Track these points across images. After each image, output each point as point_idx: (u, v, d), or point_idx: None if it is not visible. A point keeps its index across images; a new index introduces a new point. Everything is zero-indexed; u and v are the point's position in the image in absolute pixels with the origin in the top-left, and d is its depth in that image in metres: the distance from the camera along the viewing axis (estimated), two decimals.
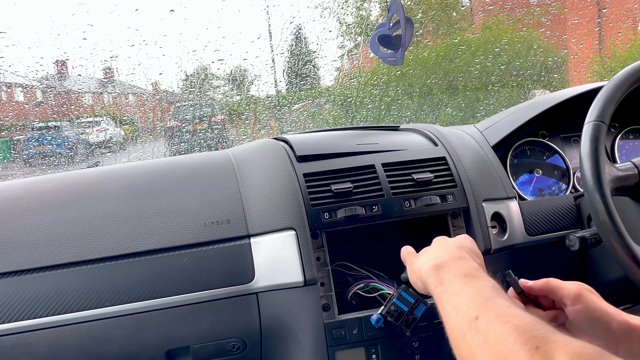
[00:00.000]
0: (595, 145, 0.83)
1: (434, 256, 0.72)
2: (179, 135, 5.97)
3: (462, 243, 0.75)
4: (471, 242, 0.77)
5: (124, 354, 0.94)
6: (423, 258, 0.74)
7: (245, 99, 6.92)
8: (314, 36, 6.37)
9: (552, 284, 0.73)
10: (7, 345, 0.90)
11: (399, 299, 0.92)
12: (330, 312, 0.95)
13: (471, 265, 0.66)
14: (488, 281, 0.62)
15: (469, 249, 0.73)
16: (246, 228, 0.97)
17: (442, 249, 0.74)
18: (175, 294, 0.93)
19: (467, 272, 0.65)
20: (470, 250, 0.73)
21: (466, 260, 0.68)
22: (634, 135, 1.28)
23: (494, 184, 1.08)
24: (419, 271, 0.73)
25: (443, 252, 0.72)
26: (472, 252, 0.73)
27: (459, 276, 0.64)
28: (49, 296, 0.91)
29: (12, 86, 7.09)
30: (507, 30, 6.53)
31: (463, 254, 0.70)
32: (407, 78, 5.68)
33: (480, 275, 0.64)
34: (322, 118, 5.89)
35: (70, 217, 0.98)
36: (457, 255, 0.70)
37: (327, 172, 1.02)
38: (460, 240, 0.77)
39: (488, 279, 0.63)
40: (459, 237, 0.79)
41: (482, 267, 0.69)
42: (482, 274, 0.64)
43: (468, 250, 0.73)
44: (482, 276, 0.63)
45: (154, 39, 5.04)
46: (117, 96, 7.58)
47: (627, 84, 0.88)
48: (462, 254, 0.71)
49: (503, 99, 5.55)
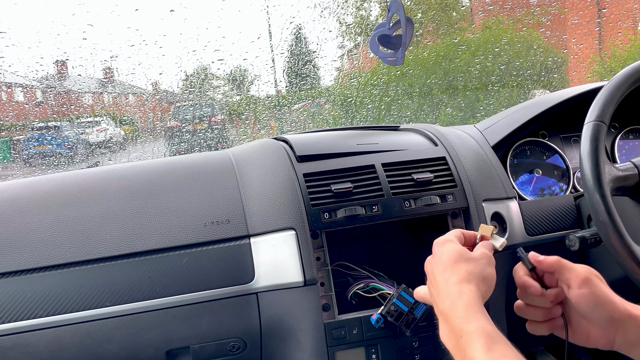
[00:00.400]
0: (595, 145, 0.83)
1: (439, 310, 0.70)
2: (179, 135, 5.97)
3: (469, 270, 0.71)
4: (477, 265, 0.71)
5: (124, 354, 0.94)
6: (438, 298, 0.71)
7: (245, 99, 6.92)
8: (314, 36, 6.37)
9: (563, 264, 0.72)
10: (7, 345, 0.90)
11: (399, 299, 0.92)
12: (330, 312, 0.95)
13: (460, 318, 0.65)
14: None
15: (477, 276, 0.69)
16: (246, 228, 0.97)
17: (440, 286, 0.71)
18: (175, 294, 0.93)
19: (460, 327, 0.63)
20: (478, 277, 0.69)
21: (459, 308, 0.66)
22: (634, 135, 1.28)
23: (494, 184, 1.08)
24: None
25: (443, 297, 0.69)
26: (479, 279, 0.69)
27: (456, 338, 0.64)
28: (49, 296, 0.91)
29: (12, 86, 7.08)
30: (507, 30, 6.52)
31: (463, 289, 0.67)
32: (407, 78, 5.68)
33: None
34: (322, 118, 5.89)
35: (70, 217, 0.98)
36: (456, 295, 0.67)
37: (327, 172, 1.02)
38: (466, 266, 0.71)
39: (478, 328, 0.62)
40: (470, 260, 0.72)
41: (483, 298, 0.67)
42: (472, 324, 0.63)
43: (476, 279, 0.69)
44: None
45: (154, 39, 5.04)
46: (117, 96, 7.58)
47: (627, 84, 0.88)
48: (462, 289, 0.67)
49: (503, 99, 5.55)
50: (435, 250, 0.75)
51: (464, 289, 0.67)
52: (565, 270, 0.72)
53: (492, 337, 0.60)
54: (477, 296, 0.66)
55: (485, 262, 0.72)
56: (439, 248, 0.75)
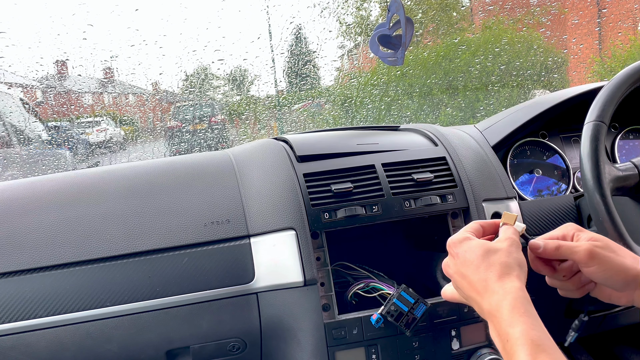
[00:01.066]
0: (595, 145, 0.83)
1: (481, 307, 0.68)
2: (179, 135, 5.98)
3: (507, 265, 0.68)
4: (508, 253, 0.70)
5: (124, 354, 0.94)
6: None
7: (245, 99, 6.92)
8: (314, 36, 6.36)
9: (563, 250, 0.72)
10: (7, 345, 0.90)
11: (399, 299, 0.92)
12: (330, 312, 0.95)
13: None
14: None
15: (513, 265, 0.68)
16: (246, 228, 0.97)
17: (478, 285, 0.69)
18: (175, 294, 0.93)
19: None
20: (514, 266, 0.68)
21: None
22: (634, 135, 1.28)
23: (494, 184, 1.08)
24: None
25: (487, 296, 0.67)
26: (517, 268, 0.69)
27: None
28: (49, 296, 0.91)
29: (12, 86, 7.08)
30: (507, 30, 6.52)
31: (506, 287, 0.66)
32: (407, 78, 5.68)
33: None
34: (322, 118, 5.89)
35: (70, 217, 0.98)
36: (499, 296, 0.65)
37: (327, 172, 1.02)
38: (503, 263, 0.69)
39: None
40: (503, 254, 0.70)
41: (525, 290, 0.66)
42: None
43: (516, 272, 0.68)
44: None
45: (154, 39, 5.04)
46: (117, 96, 7.57)
47: (627, 84, 0.88)
48: (505, 286, 0.66)
49: (503, 99, 5.54)
50: (453, 251, 0.73)
51: (507, 287, 0.65)
52: (567, 252, 0.72)
53: (538, 344, 0.59)
54: (522, 293, 0.65)
55: (514, 247, 0.71)
56: (457, 248, 0.73)
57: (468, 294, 0.71)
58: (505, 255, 0.69)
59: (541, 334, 0.60)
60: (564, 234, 0.75)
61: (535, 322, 0.62)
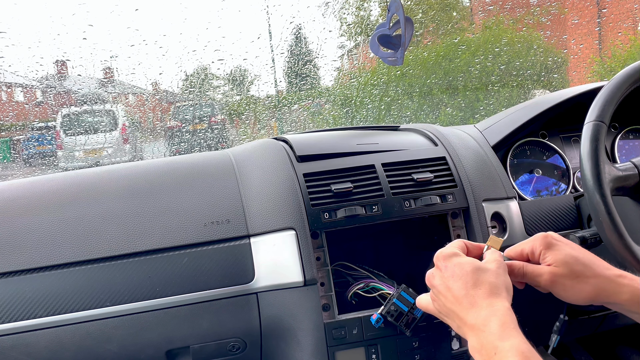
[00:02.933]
0: (595, 145, 0.83)
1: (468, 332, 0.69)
2: (179, 135, 5.98)
3: (494, 287, 0.69)
4: (497, 275, 0.71)
5: (124, 354, 0.94)
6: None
7: (245, 99, 6.92)
8: (314, 36, 6.37)
9: (528, 275, 0.75)
10: (7, 345, 0.90)
11: (398, 299, 0.92)
12: (330, 312, 0.95)
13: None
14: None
15: (501, 287, 0.70)
16: (246, 228, 0.97)
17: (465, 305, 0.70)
18: (175, 294, 0.93)
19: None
20: (502, 288, 0.70)
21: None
22: (634, 135, 1.28)
23: (494, 184, 1.08)
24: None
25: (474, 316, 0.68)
26: (505, 290, 0.70)
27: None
28: (49, 296, 0.91)
29: (12, 86, 7.09)
30: (507, 30, 6.52)
31: (495, 305, 0.67)
32: (407, 78, 5.68)
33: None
34: (322, 118, 5.89)
35: (70, 217, 0.98)
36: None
37: (327, 172, 1.02)
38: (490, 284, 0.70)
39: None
40: (490, 275, 0.71)
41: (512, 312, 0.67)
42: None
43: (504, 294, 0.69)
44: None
45: (154, 39, 5.04)
46: (117, 96, 7.58)
47: (627, 84, 0.88)
48: (493, 304, 0.67)
49: (503, 99, 5.55)
50: (440, 264, 0.74)
51: (496, 305, 0.67)
52: (531, 277, 0.75)
53: (528, 356, 0.60)
54: (510, 312, 0.66)
55: (502, 270, 0.72)
56: (445, 262, 0.74)
57: (450, 307, 0.72)
58: (494, 276, 0.70)
59: (531, 349, 0.62)
60: (532, 248, 0.77)
61: (524, 339, 0.63)
